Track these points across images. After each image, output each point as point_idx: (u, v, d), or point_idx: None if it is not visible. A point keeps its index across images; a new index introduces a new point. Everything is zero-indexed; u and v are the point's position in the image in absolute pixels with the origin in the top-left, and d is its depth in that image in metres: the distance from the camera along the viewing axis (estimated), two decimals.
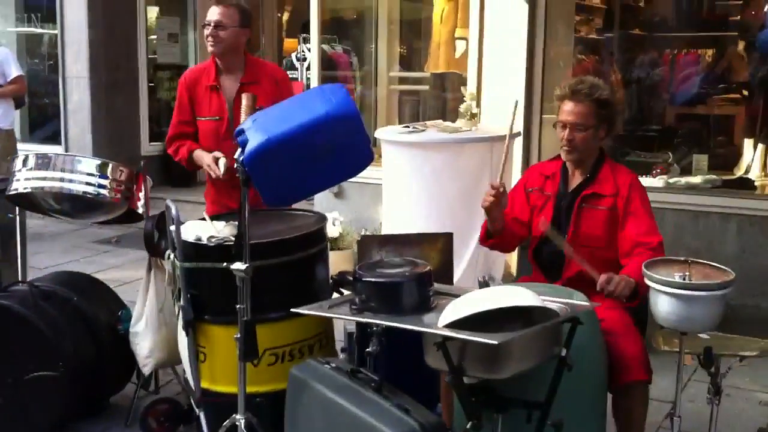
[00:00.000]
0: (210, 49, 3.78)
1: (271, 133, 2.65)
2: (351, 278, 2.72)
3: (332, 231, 5.45)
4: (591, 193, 3.18)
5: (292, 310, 2.69)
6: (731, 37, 7.38)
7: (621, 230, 3.11)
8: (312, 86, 6.96)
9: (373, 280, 2.61)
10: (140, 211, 3.71)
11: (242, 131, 2.74)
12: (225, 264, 2.77)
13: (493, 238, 3.31)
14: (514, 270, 4.77)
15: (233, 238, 2.93)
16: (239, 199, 2.71)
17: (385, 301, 2.58)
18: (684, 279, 2.59)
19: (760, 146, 6.59)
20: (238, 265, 2.69)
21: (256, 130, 2.70)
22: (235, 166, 2.70)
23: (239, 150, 2.68)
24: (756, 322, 4.78)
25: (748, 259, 5.14)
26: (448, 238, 3.44)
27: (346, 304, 2.70)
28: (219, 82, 3.80)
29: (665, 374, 2.76)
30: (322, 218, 3.35)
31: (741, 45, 7.28)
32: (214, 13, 3.75)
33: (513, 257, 4.70)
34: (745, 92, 7.17)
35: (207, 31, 3.75)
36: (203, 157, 3.74)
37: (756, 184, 6.18)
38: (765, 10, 6.71)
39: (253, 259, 2.73)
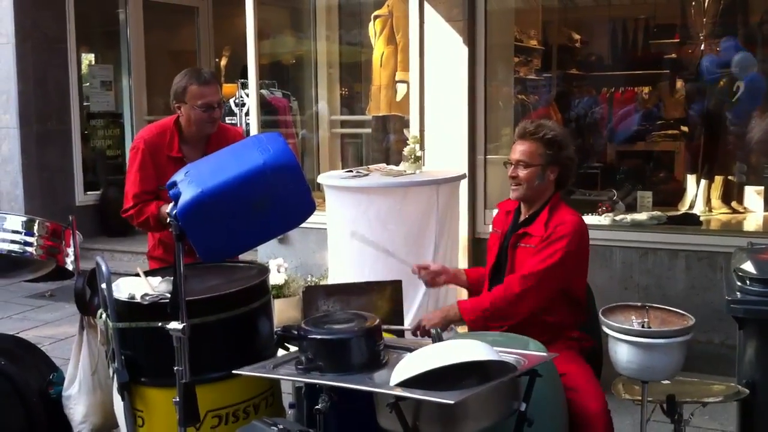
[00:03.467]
0: (209, 130, 3.65)
1: (204, 186, 2.52)
2: (296, 333, 2.57)
3: (277, 278, 5.29)
4: (523, 232, 3.16)
5: (234, 371, 2.52)
6: (667, 74, 7.53)
7: None
8: (251, 132, 6.84)
9: (319, 337, 2.47)
10: (69, 267, 3.52)
11: (174, 184, 2.60)
12: (160, 323, 2.60)
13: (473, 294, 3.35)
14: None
15: (169, 296, 2.75)
16: (186, 253, 2.56)
17: (333, 359, 2.45)
18: (643, 326, 2.51)
19: (703, 182, 6.66)
20: (175, 325, 2.53)
21: (189, 183, 2.57)
22: (168, 221, 2.55)
23: (172, 204, 2.53)
24: (709, 358, 4.76)
25: (698, 294, 5.13)
26: (396, 285, 3.32)
27: (292, 363, 2.54)
28: (183, 153, 3.64)
29: (624, 416, 2.67)
30: (264, 270, 3.20)
31: (678, 82, 7.42)
32: (214, 93, 3.62)
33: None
34: (685, 128, 7.29)
35: (207, 112, 3.59)
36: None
37: (701, 219, 6.22)
38: (701, 48, 6.85)
39: (190, 317, 2.57)
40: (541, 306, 3.03)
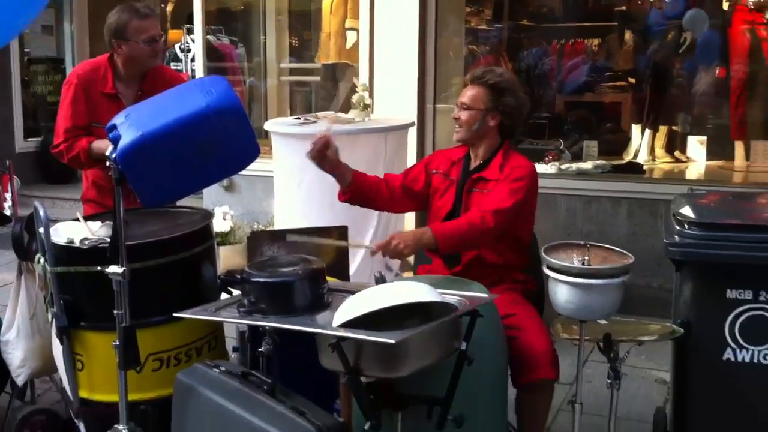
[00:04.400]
0: (152, 63, 3.56)
1: (145, 129, 2.47)
2: (239, 277, 2.56)
3: (223, 225, 5.26)
4: (478, 177, 3.17)
5: (175, 314, 2.51)
6: (616, 26, 7.56)
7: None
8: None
9: (262, 280, 2.47)
10: (8, 213, 3.45)
11: (114, 127, 2.54)
12: (99, 267, 2.57)
13: (347, 193, 3.25)
14: (412, 259, 4.68)
15: (109, 240, 2.72)
16: (126, 197, 2.52)
17: (276, 301, 2.45)
18: (583, 264, 2.54)
19: (647, 131, 6.77)
20: (114, 269, 2.50)
21: (129, 126, 2.51)
22: (108, 164, 2.50)
23: (111, 147, 2.48)
24: (648, 301, 4.88)
25: (639, 240, 5.24)
26: (342, 231, 3.32)
27: (235, 306, 2.54)
28: (117, 90, 3.55)
29: (563, 356, 2.73)
30: (208, 215, 3.17)
31: (627, 34, 7.46)
32: (155, 26, 3.53)
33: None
34: (632, 80, 7.36)
35: (150, 45, 3.49)
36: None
37: (644, 168, 6.33)
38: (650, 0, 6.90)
39: (131, 261, 2.55)
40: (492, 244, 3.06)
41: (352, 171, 3.21)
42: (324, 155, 3.09)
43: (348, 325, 2.24)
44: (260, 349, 2.76)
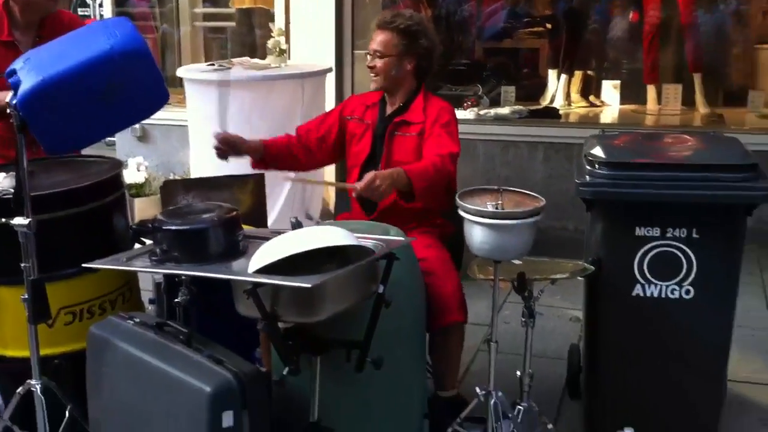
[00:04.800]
0: (52, 9, 3.37)
1: (46, 73, 2.37)
2: (151, 226, 2.50)
3: (137, 177, 5.14)
4: (401, 120, 3.16)
5: (84, 265, 2.44)
6: None
7: (423, 147, 3.09)
8: None
9: (173, 227, 2.42)
10: None
11: (13, 72, 2.43)
12: (4, 219, 2.48)
13: (259, 164, 3.23)
14: (332, 207, 4.68)
15: (13, 191, 2.62)
16: (29, 146, 2.43)
17: (189, 249, 2.40)
18: (496, 208, 2.57)
19: (563, 77, 6.85)
20: (19, 220, 2.41)
21: (29, 70, 2.41)
22: (8, 111, 2.39)
23: (11, 93, 2.37)
24: (563, 243, 4.99)
25: (555, 184, 5.34)
26: (259, 179, 3.28)
27: (147, 255, 2.48)
28: (14, 37, 3.37)
29: (482, 300, 2.78)
30: (117, 164, 3.08)
31: None
32: None
33: (331, 194, 4.61)
34: (549, 25, 7.42)
35: None
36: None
37: (560, 112, 6.42)
38: None
39: (38, 212, 2.46)
40: None
41: (262, 144, 3.18)
42: (227, 150, 3.10)
43: (264, 271, 2.22)
44: (176, 300, 2.72)
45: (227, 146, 3.11)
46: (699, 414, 2.97)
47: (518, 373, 3.02)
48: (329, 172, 5.07)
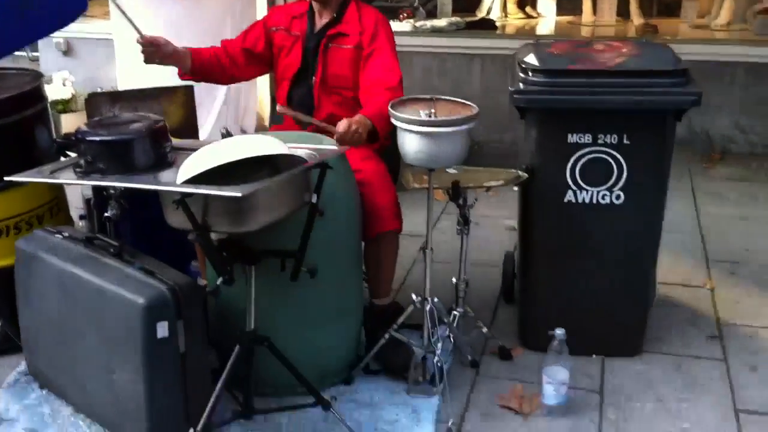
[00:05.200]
0: None
1: None
2: (75, 137, 2.43)
3: (63, 92, 4.96)
4: (336, 32, 3.08)
5: (6, 178, 2.37)
6: None
7: (363, 67, 3.04)
8: None
9: (98, 138, 2.35)
10: None
11: None
12: None
13: (186, 75, 3.14)
14: (266, 121, 4.60)
15: None
16: None
17: (114, 160, 2.34)
18: (429, 116, 2.56)
19: None
20: None
21: None
22: None
23: None
24: (500, 155, 5.01)
25: (492, 96, 5.32)
26: (188, 90, 3.20)
27: (71, 168, 2.41)
28: None
29: (419, 211, 2.78)
30: (38, 76, 2.97)
31: None
32: None
33: (264, 107, 4.52)
34: None
35: None
36: None
37: (497, 24, 6.37)
38: None
39: None
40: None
41: (190, 53, 3.07)
42: (154, 51, 2.95)
43: (193, 181, 2.18)
44: (106, 214, 2.68)
45: (154, 47, 2.96)
46: (628, 314, 3.07)
47: (454, 280, 3.07)
48: (262, 84, 4.98)
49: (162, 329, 2.36)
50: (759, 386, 2.93)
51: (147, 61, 2.95)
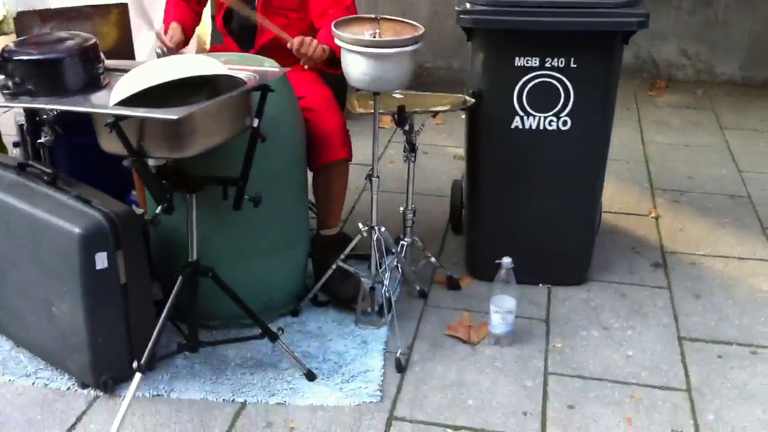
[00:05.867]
0: None
1: None
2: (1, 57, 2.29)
3: None
4: None
5: None
6: None
7: None
8: None
9: (25, 57, 2.22)
10: None
11: None
12: None
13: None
14: (207, 42, 4.43)
15: None
16: None
17: (44, 81, 2.22)
18: (374, 36, 2.47)
19: None
20: None
21: None
22: None
23: None
24: (448, 82, 4.96)
25: (441, 21, 5.23)
26: (122, 9, 3.05)
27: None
28: None
29: (367, 140, 2.71)
30: None
31: None
32: None
33: (205, 28, 4.34)
34: None
35: None
36: None
37: None
38: None
39: None
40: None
41: (181, 28, 2.89)
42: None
43: (128, 103, 2.08)
44: (40, 140, 2.56)
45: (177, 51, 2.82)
46: (574, 243, 3.07)
47: (401, 209, 3.03)
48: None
49: (101, 260, 2.28)
50: (702, 314, 2.97)
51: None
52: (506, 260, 2.71)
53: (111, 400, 2.46)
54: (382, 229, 2.80)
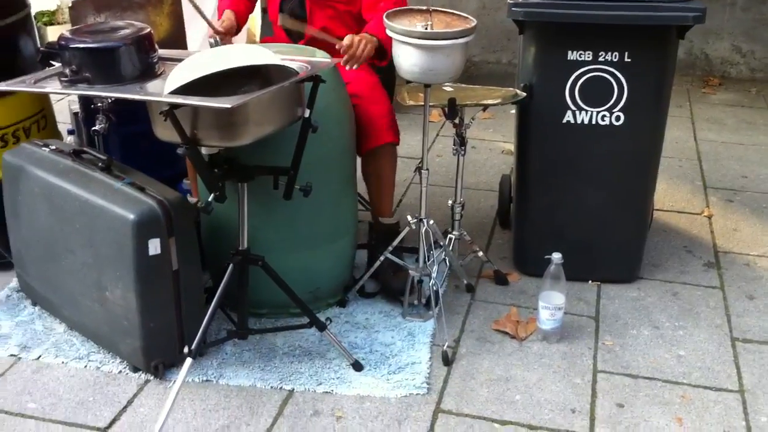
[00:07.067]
0: None
1: None
2: (60, 45, 2.33)
3: (48, 3, 4.82)
4: None
5: None
6: None
7: None
8: None
9: (83, 46, 2.25)
10: None
11: None
12: None
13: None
14: (257, 33, 4.44)
15: None
16: None
17: (100, 69, 2.25)
18: (426, 28, 2.46)
19: None
20: None
21: None
22: None
23: None
24: (496, 76, 4.92)
25: (489, 14, 5.19)
26: (175, 0, 3.07)
27: (56, 77, 2.32)
28: None
29: (415, 133, 2.70)
30: None
31: None
32: None
33: (256, 19, 4.35)
34: None
35: None
36: None
37: None
38: None
39: None
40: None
41: (234, 16, 2.90)
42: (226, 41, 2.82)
43: (182, 92, 2.10)
44: (94, 128, 2.60)
45: (227, 36, 2.83)
46: (624, 240, 3.03)
47: (450, 202, 3.02)
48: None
49: (154, 246, 2.31)
50: (756, 315, 2.91)
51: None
52: (556, 256, 2.68)
53: (161, 384, 2.49)
54: (431, 221, 2.79)
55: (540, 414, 2.40)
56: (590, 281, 3.08)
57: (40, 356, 2.61)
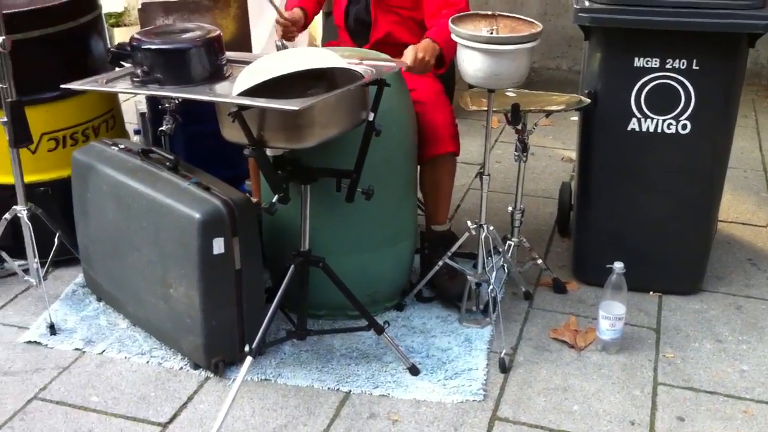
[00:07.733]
0: None
1: None
2: (131, 46, 2.38)
3: (116, 5, 4.92)
4: None
5: (62, 86, 2.34)
6: None
7: None
8: None
9: (154, 47, 2.30)
10: None
11: None
12: None
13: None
14: (319, 37, 4.48)
15: None
16: None
17: (171, 70, 2.29)
18: (491, 33, 2.45)
19: None
20: None
21: None
22: None
23: None
24: (557, 82, 4.88)
25: (551, 20, 5.15)
26: (241, 3, 3.11)
27: (128, 78, 2.37)
28: None
29: (473, 138, 2.69)
30: None
31: None
32: None
33: (317, 23, 4.39)
34: None
35: None
36: None
37: None
38: None
39: (11, 32, 2.34)
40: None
41: (303, 13, 2.93)
42: (294, 31, 2.85)
43: (249, 93, 2.13)
44: (161, 128, 2.65)
45: (294, 26, 2.85)
46: (688, 251, 2.97)
47: (509, 209, 3.01)
48: None
49: (218, 245, 2.35)
50: None
51: (286, 38, 2.84)
52: (618, 265, 2.65)
53: (220, 382, 2.52)
54: (491, 227, 2.78)
55: (598, 425, 2.38)
56: (651, 292, 3.03)
57: (103, 351, 2.66)
